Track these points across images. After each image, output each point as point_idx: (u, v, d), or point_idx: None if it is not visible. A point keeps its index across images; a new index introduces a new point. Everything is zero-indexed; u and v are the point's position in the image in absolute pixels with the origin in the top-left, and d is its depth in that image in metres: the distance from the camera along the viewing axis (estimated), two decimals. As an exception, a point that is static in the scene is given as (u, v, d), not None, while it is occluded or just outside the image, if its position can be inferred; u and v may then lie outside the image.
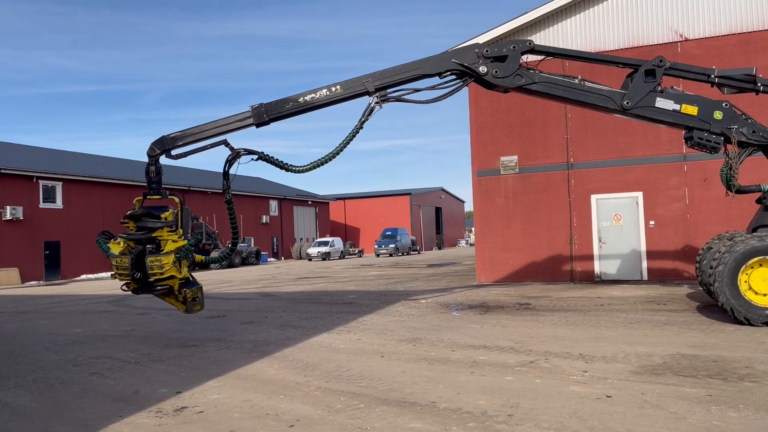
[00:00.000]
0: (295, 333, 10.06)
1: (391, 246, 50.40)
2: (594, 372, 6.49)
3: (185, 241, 8.49)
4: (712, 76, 9.84)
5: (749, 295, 8.83)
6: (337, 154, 9.52)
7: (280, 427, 5.12)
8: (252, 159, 9.35)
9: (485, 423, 4.95)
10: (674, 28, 15.91)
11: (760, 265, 8.84)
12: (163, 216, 8.54)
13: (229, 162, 9.21)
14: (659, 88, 9.83)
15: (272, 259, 52.33)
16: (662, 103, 9.78)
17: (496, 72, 9.72)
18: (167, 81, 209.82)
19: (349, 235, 68.14)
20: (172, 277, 8.25)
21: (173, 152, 9.33)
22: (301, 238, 59.31)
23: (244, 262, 41.66)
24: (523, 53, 9.83)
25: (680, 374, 6.23)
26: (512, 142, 17.69)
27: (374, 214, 67.99)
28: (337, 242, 50.97)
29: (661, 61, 9.74)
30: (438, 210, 77.48)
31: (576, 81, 9.96)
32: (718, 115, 9.74)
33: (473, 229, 19.21)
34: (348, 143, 9.57)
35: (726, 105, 9.79)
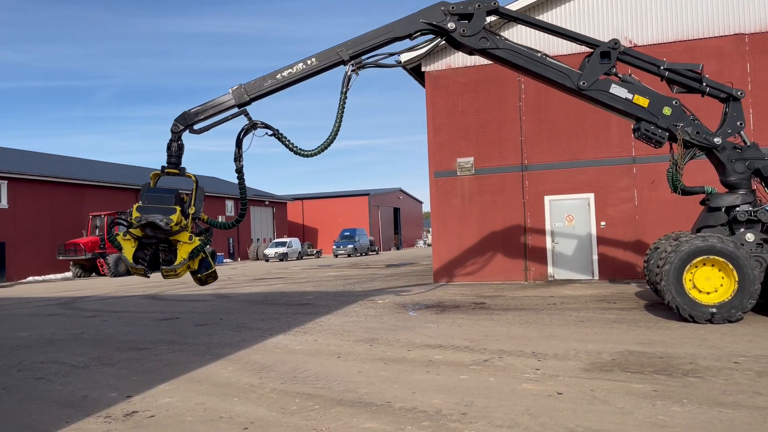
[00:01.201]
0: (251, 335, 9.95)
1: (349, 246, 50.32)
2: (546, 370, 6.63)
3: (198, 241, 8.71)
4: (662, 68, 10.23)
5: (693, 293, 9.16)
6: (338, 131, 10.01)
7: (234, 429, 5.06)
8: (267, 133, 9.67)
9: (439, 422, 5.00)
10: (624, 34, 16.36)
11: (704, 264, 9.18)
12: (175, 211, 8.55)
13: (245, 131, 9.54)
14: (614, 70, 10.23)
15: (228, 260, 51.60)
16: (616, 90, 10.18)
17: (464, 30, 10.11)
18: (121, 77, 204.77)
19: (307, 235, 67.77)
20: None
21: (195, 127, 9.56)
22: (258, 239, 58.66)
23: (200, 263, 40.96)
24: (488, 13, 10.24)
25: (628, 370, 6.42)
26: (468, 144, 17.90)
27: (333, 215, 67.81)
28: (295, 243, 50.61)
29: (615, 43, 10.16)
30: (396, 210, 77.78)
31: (538, 55, 10.32)
32: (667, 111, 10.11)
33: (431, 229, 19.34)
34: (342, 116, 10.01)
35: (676, 103, 10.17)
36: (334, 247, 51.24)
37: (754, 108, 15.44)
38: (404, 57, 17.92)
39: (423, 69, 18.32)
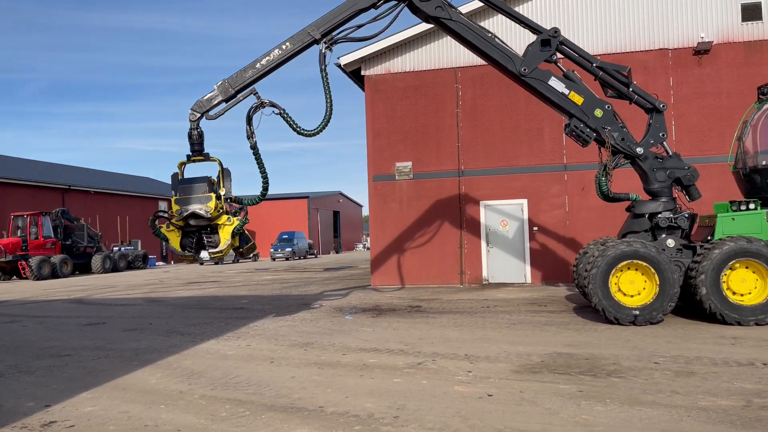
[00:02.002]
0: (181, 340, 9.67)
1: (287, 250, 49.73)
2: (478, 372, 6.73)
3: (236, 221, 9.68)
4: (594, 65, 10.71)
5: (618, 296, 9.52)
6: (332, 107, 10.66)
7: (159, 438, 4.89)
8: (273, 112, 10.36)
9: (371, 425, 4.99)
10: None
11: (628, 268, 9.57)
12: (210, 198, 9.43)
13: (254, 108, 10.22)
14: (555, 57, 10.68)
15: (161, 263, 50.07)
16: (555, 83, 10.61)
17: None
18: (49, 72, 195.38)
19: (244, 238, 66.60)
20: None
21: (210, 113, 10.10)
22: (193, 241, 57.19)
23: (130, 266, 39.51)
24: None
25: (556, 372, 6.60)
26: (407, 149, 18.04)
27: (271, 217, 66.83)
28: (231, 245, 49.64)
29: (555, 32, 10.62)
30: (336, 214, 77.52)
31: (488, 35, 10.76)
32: (598, 113, 10.55)
33: (369, 233, 19.37)
34: (330, 92, 10.64)
35: (608, 107, 10.61)
36: (272, 250, 50.52)
37: (677, 120, 16.25)
38: (344, 60, 17.92)
39: (363, 73, 18.35)
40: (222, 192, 9.70)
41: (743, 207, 10.04)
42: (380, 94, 18.16)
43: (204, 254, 9.96)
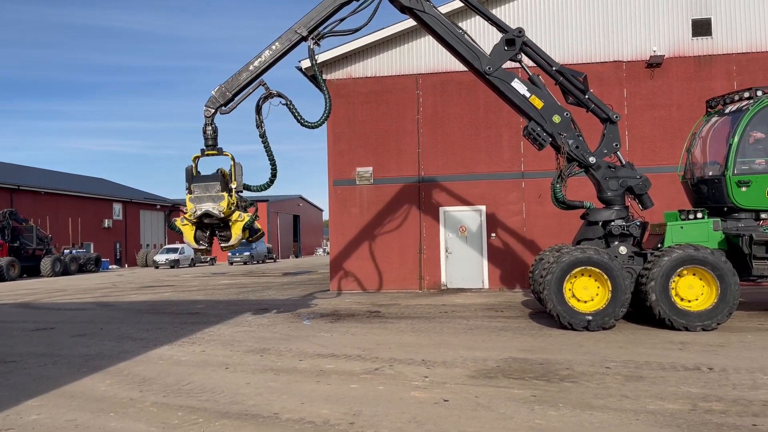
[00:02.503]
0: (133, 345, 9.44)
1: (245, 254, 49.07)
2: (434, 377, 6.77)
3: (247, 217, 10.37)
4: (554, 68, 10.98)
5: (572, 302, 9.72)
6: (330, 99, 11.58)
7: (108, 447, 4.75)
8: (281, 102, 11.03)
9: (327, 432, 4.96)
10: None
11: (582, 274, 9.77)
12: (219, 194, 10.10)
13: (263, 99, 10.97)
14: (519, 56, 10.93)
15: (114, 267, 48.81)
16: (517, 85, 10.85)
17: None
18: (1, 68, 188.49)
19: (202, 241, 65.50)
20: None
21: (224, 108, 10.75)
22: (147, 245, 55.96)
23: (81, 270, 38.39)
24: None
25: (510, 377, 6.69)
26: (368, 154, 18.06)
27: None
28: (188, 249, 48.60)
29: (520, 31, 10.89)
30: (296, 218, 77.01)
31: (459, 31, 11.00)
32: (556, 119, 10.79)
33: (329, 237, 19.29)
34: (325, 84, 11.61)
35: (567, 114, 10.84)
36: (230, 254, 49.71)
37: (630, 130, 16.71)
38: (305, 63, 17.84)
39: (324, 77, 18.27)
40: (233, 186, 10.32)
41: (691, 216, 10.38)
42: (341, 99, 18.13)
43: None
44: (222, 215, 10.01)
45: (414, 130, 17.76)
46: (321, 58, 17.89)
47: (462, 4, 13.69)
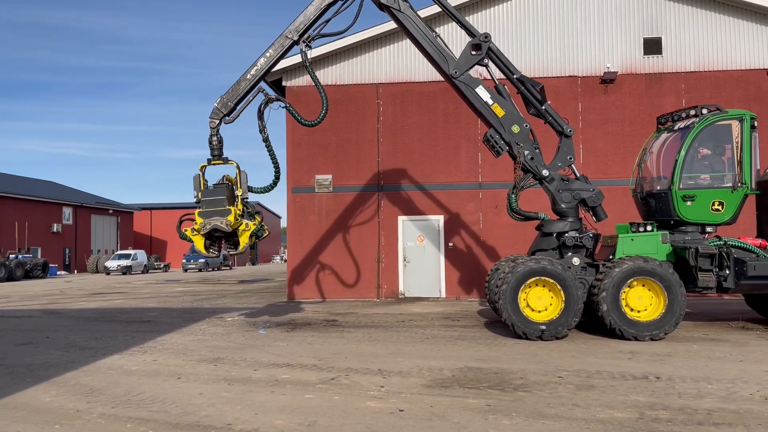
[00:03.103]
0: (81, 355, 9.14)
1: (200, 261, 48.23)
2: (390, 387, 6.76)
3: (253, 226, 10.83)
4: (515, 76, 11.25)
5: (527, 312, 9.87)
6: (326, 97, 11.90)
7: (51, 462, 4.58)
8: (280, 106, 11.61)
9: (281, 443, 4.89)
10: (477, 68, 17.42)
11: (536, 284, 9.94)
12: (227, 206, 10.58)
13: (264, 104, 11.43)
14: (485, 61, 11.18)
15: (63, 273, 47.28)
16: (481, 91, 11.13)
17: None
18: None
19: (155, 248, 64.06)
20: None
21: (227, 117, 11.22)
22: (98, 250, 54.42)
23: (28, 275, 37.05)
24: None
25: (465, 386, 6.74)
26: (327, 162, 18.01)
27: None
28: (141, 255, 47.53)
29: (486, 37, 11.16)
30: (252, 225, 76.11)
31: (432, 34, 11.37)
32: (515, 128, 11.03)
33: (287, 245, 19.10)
34: (320, 85, 11.89)
35: (526, 126, 11.07)
36: (184, 261, 48.85)
37: (584, 144, 17.14)
38: (265, 70, 17.71)
39: (284, 83, 18.21)
40: (239, 193, 10.91)
41: (641, 229, 10.69)
42: (301, 106, 17.99)
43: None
44: (230, 229, 10.54)
45: (374, 139, 17.81)
46: (281, 64, 17.76)
47: (439, 9, 13.94)
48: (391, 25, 16.88)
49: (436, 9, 16.16)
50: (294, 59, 17.76)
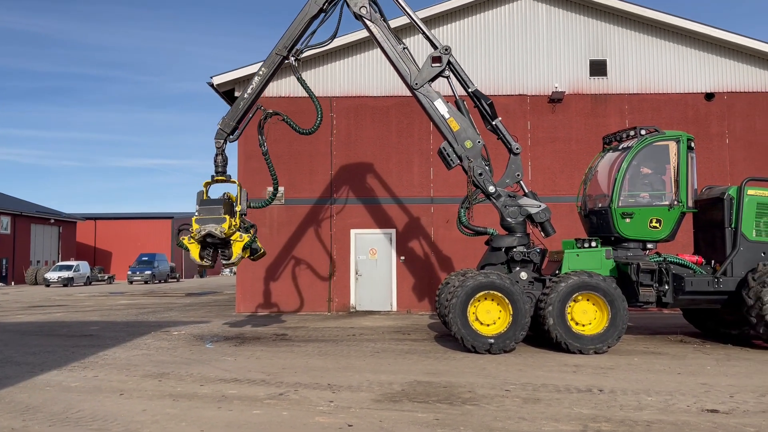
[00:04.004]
0: (17, 370, 8.76)
1: (146, 272, 46.99)
2: (340, 402, 6.73)
3: (247, 238, 11.29)
4: (470, 89, 11.63)
5: (476, 325, 10.00)
6: (320, 106, 12.65)
7: (-19, 484, 4.37)
8: (278, 119, 12.52)
9: (226, 461, 4.80)
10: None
11: (485, 298, 10.10)
12: (225, 219, 11.00)
13: (263, 119, 12.32)
14: (447, 73, 11.49)
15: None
16: (439, 105, 11.43)
17: None
18: None
19: (99, 259, 62.05)
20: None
21: (231, 137, 11.98)
22: (38, 261, 52.35)
23: (-39, 287, 35.29)
24: None
25: (415, 400, 6.77)
26: (280, 173, 17.67)
27: (130, 238, 62.94)
28: (83, 266, 45.93)
29: (446, 49, 11.50)
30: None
31: (400, 47, 11.75)
32: (468, 143, 11.29)
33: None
34: (313, 95, 12.59)
35: (479, 142, 11.30)
36: (130, 272, 47.47)
37: (533, 161, 17.56)
38: (217, 80, 17.56)
39: (236, 94, 18.02)
40: (238, 209, 11.50)
41: (586, 245, 11.01)
42: (254, 118, 17.88)
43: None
44: (223, 236, 10.93)
45: (327, 152, 17.80)
46: (234, 75, 17.71)
47: (408, 21, 14.26)
48: (345, 39, 17.03)
49: (405, 20, 16.35)
50: (245, 70, 17.67)
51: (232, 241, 11.19)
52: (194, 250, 11.24)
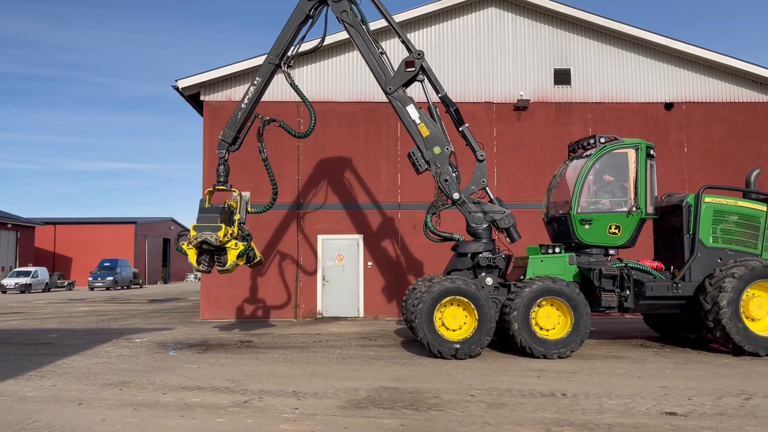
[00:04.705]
0: (-30, 381, 8.46)
1: (108, 279, 45.95)
2: (305, 409, 6.68)
3: (242, 246, 11.68)
4: (440, 94, 11.76)
5: (442, 331, 10.05)
6: (313, 110, 13.01)
7: (-71, 499, 4.20)
8: (276, 125, 13.09)
9: (188, 470, 4.71)
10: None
11: (451, 304, 10.16)
12: (222, 226, 11.48)
13: (262, 127, 12.90)
14: (421, 77, 11.65)
15: (-47, 291, 43.61)
16: (411, 110, 11.60)
17: None
18: None
19: (59, 265, 60.42)
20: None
21: (232, 147, 12.47)
22: (-6, 267, 50.67)
23: None
24: None
25: (380, 406, 6.76)
26: (246, 178, 17.69)
27: (92, 243, 61.43)
28: (42, 272, 44.66)
29: (419, 54, 11.63)
30: (166, 241, 73.33)
31: (378, 51, 11.92)
32: (437, 150, 11.39)
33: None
34: (306, 99, 12.95)
35: (447, 149, 11.40)
36: (91, 278, 46.36)
37: (498, 168, 17.76)
38: (182, 83, 17.34)
39: (202, 98, 17.83)
40: (237, 218, 11.92)
41: (550, 251, 11.17)
42: (220, 121, 17.67)
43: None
44: (218, 243, 11.36)
45: (294, 158, 17.71)
46: (199, 78, 17.53)
47: (382, 25, 15.03)
48: (312, 44, 16.96)
49: (379, 24, 16.39)
50: (211, 74, 17.52)
51: (227, 249, 11.60)
52: (192, 255, 11.66)
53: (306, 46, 13.69)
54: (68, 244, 61.63)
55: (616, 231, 11.08)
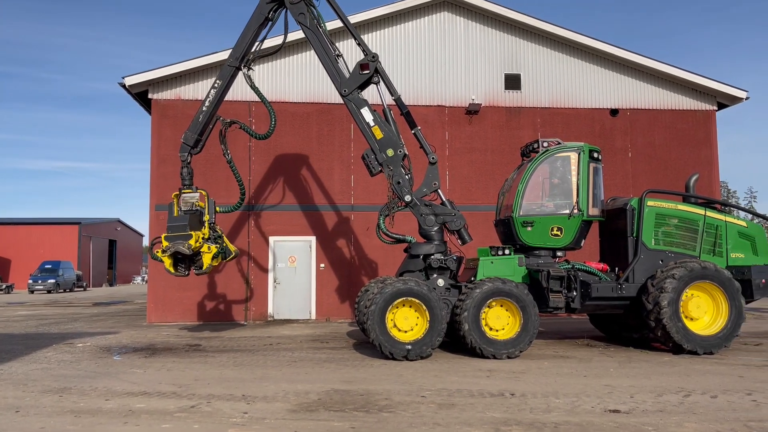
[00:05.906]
0: None
1: (50, 281, 44.25)
2: (254, 413, 6.58)
3: (215, 249, 12.00)
4: (394, 96, 11.84)
5: (394, 332, 10.08)
6: (273, 111, 13.12)
7: None
8: (237, 127, 13.17)
9: (131, 479, 4.57)
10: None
11: (403, 305, 10.20)
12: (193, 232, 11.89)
13: (224, 129, 12.94)
14: (376, 79, 11.70)
15: None
16: (365, 112, 11.67)
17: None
18: None
19: (-3, 267, 57.84)
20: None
21: (194, 150, 12.54)
22: (-74, 269, 48.17)
23: None
24: None
25: (331, 409, 6.72)
26: (195, 179, 17.24)
27: (32, 244, 59.05)
28: (-22, 275, 42.70)
29: (374, 57, 11.71)
30: (113, 243, 71.17)
31: (334, 53, 11.97)
32: (390, 152, 11.48)
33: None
34: (266, 100, 13.04)
35: (400, 152, 11.43)
36: (31, 281, 44.56)
37: (450, 171, 17.94)
38: (129, 81, 16.89)
39: (150, 96, 17.39)
40: (206, 219, 12.12)
41: (500, 252, 11.34)
42: (169, 120, 17.34)
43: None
44: (191, 252, 11.70)
45: (245, 158, 17.46)
46: (147, 76, 17.11)
47: (338, 26, 15.03)
48: (265, 44, 16.76)
49: (334, 25, 16.28)
50: (159, 72, 17.12)
51: (201, 253, 11.89)
52: (168, 262, 11.90)
53: (267, 44, 13.53)
54: (7, 244, 59.00)
55: (558, 233, 11.33)
